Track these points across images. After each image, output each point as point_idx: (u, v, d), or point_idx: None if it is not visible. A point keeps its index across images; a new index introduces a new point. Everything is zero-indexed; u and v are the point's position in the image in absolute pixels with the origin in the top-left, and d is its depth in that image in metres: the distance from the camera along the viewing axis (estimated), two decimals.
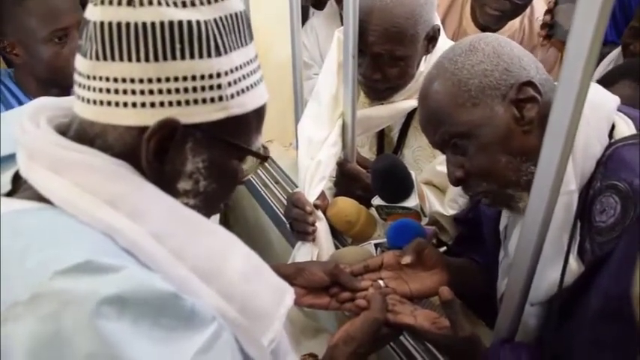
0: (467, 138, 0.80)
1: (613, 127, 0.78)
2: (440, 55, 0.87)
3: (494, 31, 1.85)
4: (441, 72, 0.83)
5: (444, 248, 1.09)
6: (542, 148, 0.65)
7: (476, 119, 0.79)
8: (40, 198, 0.53)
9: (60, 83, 1.27)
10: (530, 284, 0.74)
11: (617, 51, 1.59)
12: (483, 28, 1.86)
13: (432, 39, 1.19)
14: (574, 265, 0.74)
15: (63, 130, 0.58)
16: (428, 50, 1.21)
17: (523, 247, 0.72)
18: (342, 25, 1.09)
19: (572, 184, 0.74)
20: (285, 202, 1.36)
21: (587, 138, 0.74)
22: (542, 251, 0.72)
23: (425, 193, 1.17)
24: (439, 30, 1.20)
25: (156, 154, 0.54)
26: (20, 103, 1.28)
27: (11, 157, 0.59)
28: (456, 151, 0.83)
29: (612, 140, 0.76)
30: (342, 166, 1.21)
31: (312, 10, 2.42)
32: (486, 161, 0.80)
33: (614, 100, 0.81)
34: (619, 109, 0.81)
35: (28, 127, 0.56)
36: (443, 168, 0.90)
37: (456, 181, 0.84)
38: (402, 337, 0.95)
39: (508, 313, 0.78)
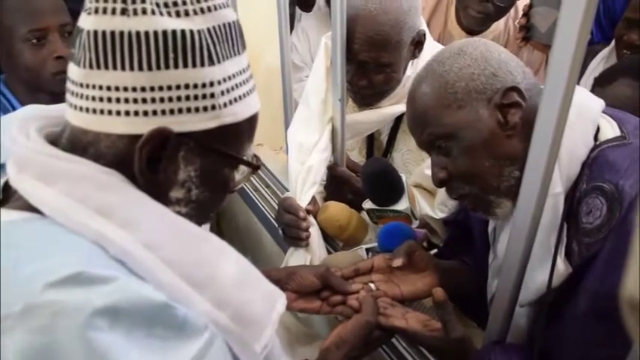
0: (451, 140, 0.81)
1: (598, 129, 0.79)
2: (430, 57, 0.88)
3: (479, 32, 1.87)
4: (429, 73, 0.84)
5: (434, 251, 1.10)
6: (529, 152, 0.66)
7: (460, 121, 0.80)
8: (31, 208, 0.53)
9: (42, 87, 1.26)
10: (520, 286, 0.75)
11: (608, 48, 1.61)
12: (467, 30, 1.87)
13: (417, 44, 1.20)
14: (561, 267, 0.75)
15: (53, 140, 0.58)
16: (414, 55, 1.22)
17: (512, 250, 0.73)
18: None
19: (557, 187, 0.74)
20: (275, 206, 1.36)
21: (572, 141, 0.75)
22: (532, 253, 0.72)
23: (415, 196, 1.18)
24: (425, 35, 1.21)
25: (148, 163, 0.54)
26: (14, 108, 1.27)
27: (1, 167, 0.58)
28: (440, 152, 0.84)
29: (597, 142, 0.77)
30: (332, 170, 1.21)
31: (298, 11, 2.42)
32: (469, 164, 0.80)
33: (598, 102, 0.82)
34: (604, 111, 0.81)
35: (18, 137, 0.56)
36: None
37: (439, 183, 0.85)
38: (394, 340, 0.95)
39: (498, 314, 0.79)
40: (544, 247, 0.75)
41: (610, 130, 0.78)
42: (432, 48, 1.24)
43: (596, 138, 0.78)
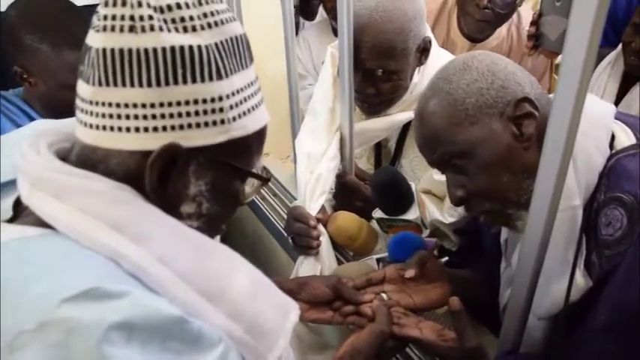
0: (466, 157, 0.80)
1: (613, 137, 0.77)
2: (434, 74, 0.87)
3: (481, 40, 1.87)
4: (436, 92, 0.82)
5: (445, 259, 1.09)
6: (540, 162, 0.65)
7: (474, 138, 0.79)
8: (43, 224, 0.53)
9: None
10: (532, 298, 0.74)
11: (615, 53, 1.61)
12: (470, 38, 1.87)
13: (423, 51, 1.20)
14: (581, 281, 0.74)
15: (64, 156, 0.58)
16: (421, 62, 1.22)
17: (524, 262, 0.72)
18: (334, 35, 1.10)
19: (576, 199, 0.73)
20: (283, 215, 1.36)
21: (587, 151, 0.73)
22: (549, 266, 0.71)
23: (424, 202, 1.17)
24: (430, 42, 1.21)
25: (159, 179, 0.54)
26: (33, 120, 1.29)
27: (11, 183, 0.59)
28: (456, 171, 0.82)
29: (613, 151, 0.76)
30: (341, 179, 1.21)
31: (302, 21, 2.43)
32: (488, 180, 0.79)
33: (610, 108, 0.81)
34: (616, 117, 0.80)
35: (28, 153, 0.56)
36: (440, 177, 0.90)
37: (458, 201, 0.83)
38: (408, 349, 0.95)
39: (512, 326, 0.78)
40: (562, 260, 0.73)
41: (625, 137, 0.77)
42: (437, 55, 1.25)
43: (611, 146, 0.76)
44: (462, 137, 0.79)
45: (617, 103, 1.59)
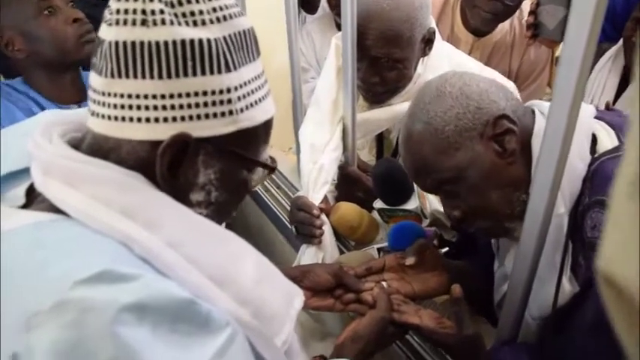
0: (456, 182, 0.81)
1: (595, 139, 0.78)
2: (410, 103, 0.88)
3: (486, 33, 1.87)
4: (415, 123, 0.83)
5: (446, 249, 1.10)
6: (535, 169, 0.66)
7: (460, 163, 0.80)
8: (56, 209, 0.54)
9: (71, 58, 1.29)
10: (527, 301, 0.76)
11: (615, 48, 1.61)
12: (475, 32, 1.87)
13: (428, 41, 1.21)
14: (567, 287, 0.75)
15: (75, 145, 0.60)
16: (425, 53, 1.23)
17: (518, 270, 0.74)
18: (337, 29, 1.10)
19: (561, 208, 0.74)
20: (286, 206, 1.38)
21: (570, 159, 0.72)
22: (539, 271, 0.73)
23: (424, 193, 1.19)
24: (435, 33, 1.22)
25: (169, 168, 0.56)
26: (39, 104, 1.30)
27: (24, 171, 0.60)
28: (447, 195, 0.84)
29: (596, 155, 0.76)
30: (343, 170, 1.22)
31: (303, 14, 2.42)
32: (480, 200, 0.81)
33: (589, 110, 0.81)
34: (598, 117, 0.81)
35: (41, 142, 0.58)
36: None
37: (456, 222, 0.85)
38: (408, 336, 0.96)
39: (507, 327, 0.80)
40: (550, 266, 0.75)
41: (608, 140, 0.78)
42: (441, 47, 1.26)
43: (594, 149, 0.77)
44: (448, 165, 0.81)
45: (617, 97, 1.60)
